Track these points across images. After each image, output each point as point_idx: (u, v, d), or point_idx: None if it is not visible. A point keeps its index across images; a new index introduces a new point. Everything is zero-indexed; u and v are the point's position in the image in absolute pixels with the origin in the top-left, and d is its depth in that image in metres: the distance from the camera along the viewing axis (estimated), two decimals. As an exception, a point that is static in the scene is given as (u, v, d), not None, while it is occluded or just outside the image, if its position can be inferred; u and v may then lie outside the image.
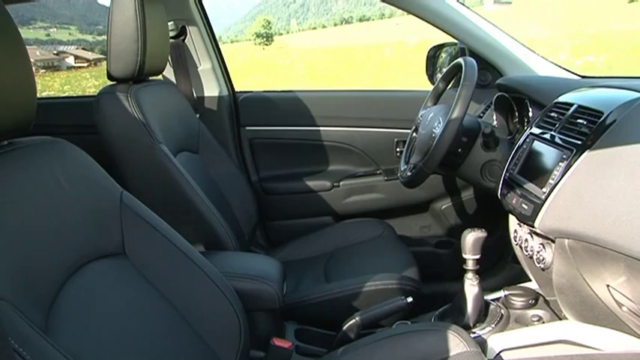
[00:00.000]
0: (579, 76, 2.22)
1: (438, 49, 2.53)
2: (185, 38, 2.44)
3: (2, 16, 0.99)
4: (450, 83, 2.09)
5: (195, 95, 2.49)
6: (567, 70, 2.25)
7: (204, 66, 2.50)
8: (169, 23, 2.35)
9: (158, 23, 1.87)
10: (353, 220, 2.42)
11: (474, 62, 1.78)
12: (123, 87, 1.77)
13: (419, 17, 2.26)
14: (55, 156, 1.16)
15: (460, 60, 1.83)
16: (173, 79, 2.43)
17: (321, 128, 2.57)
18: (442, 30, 2.27)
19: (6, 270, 0.92)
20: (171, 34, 2.39)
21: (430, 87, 2.31)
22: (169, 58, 2.30)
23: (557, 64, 2.28)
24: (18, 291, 0.92)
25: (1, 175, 1.01)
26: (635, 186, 1.08)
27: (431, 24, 2.26)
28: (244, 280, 1.54)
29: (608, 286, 1.19)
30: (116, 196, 1.25)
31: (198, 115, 2.31)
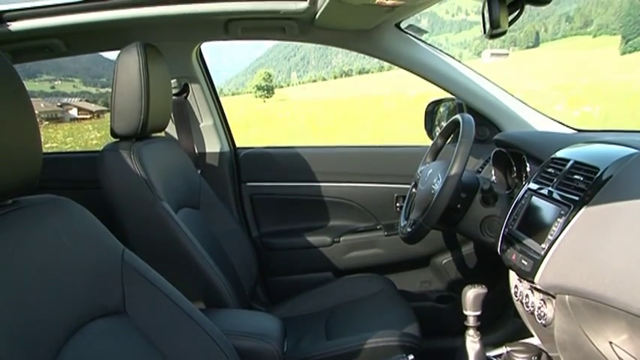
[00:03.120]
0: (575, 129, 2.26)
1: (436, 104, 2.57)
2: (187, 95, 2.48)
3: (11, 77, 1.01)
4: (448, 139, 2.12)
5: (196, 151, 2.51)
6: (563, 124, 2.29)
7: (206, 122, 2.53)
8: (172, 81, 2.38)
9: (161, 82, 1.90)
10: (353, 276, 2.41)
11: (472, 119, 1.81)
12: (126, 144, 1.79)
13: (417, 74, 2.32)
14: (58, 215, 1.16)
15: (458, 117, 1.87)
16: (175, 136, 2.46)
17: (321, 184, 2.59)
18: (440, 87, 2.32)
19: (6, 330, 0.91)
20: (174, 91, 2.42)
21: (429, 142, 2.34)
22: (172, 115, 2.33)
23: (553, 119, 2.31)
24: (17, 352, 0.91)
25: (5, 235, 1.01)
26: (633, 243, 1.08)
27: (429, 81, 2.32)
28: (245, 339, 1.53)
29: (611, 343, 1.18)
30: (118, 255, 1.25)
31: (199, 171, 2.33)
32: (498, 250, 1.62)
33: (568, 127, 2.29)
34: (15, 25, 2.09)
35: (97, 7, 2.10)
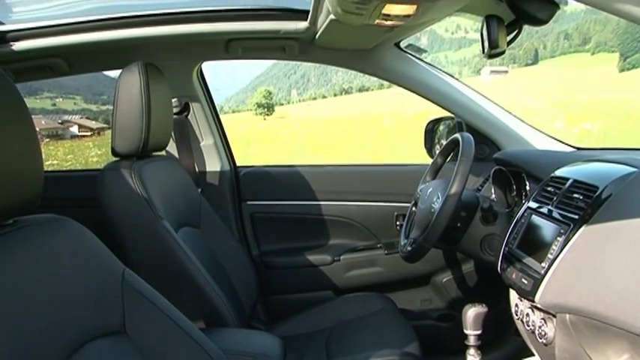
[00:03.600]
0: (575, 147, 2.26)
1: (435, 122, 2.59)
2: (188, 114, 2.49)
3: (13, 97, 1.02)
4: (448, 158, 2.13)
5: (197, 170, 2.52)
6: (563, 142, 2.30)
7: (207, 141, 2.54)
8: (173, 100, 2.40)
9: (162, 101, 1.92)
10: (353, 295, 2.40)
11: (471, 138, 1.82)
12: (126, 163, 1.80)
13: (417, 93, 2.33)
14: (59, 235, 1.16)
15: (457, 136, 1.88)
16: (176, 154, 2.47)
17: (321, 202, 2.59)
18: (440, 105, 2.34)
19: (6, 349, 0.91)
20: (175, 110, 2.44)
21: (428, 160, 2.35)
22: (172, 134, 2.34)
23: (552, 137, 2.32)
24: None
25: (5, 255, 1.01)
26: (633, 262, 1.08)
27: (429, 100, 2.33)
28: (245, 358, 1.53)
29: (612, 362, 1.18)
30: (118, 274, 1.25)
31: (199, 190, 2.34)
32: (498, 268, 1.62)
33: (567, 144, 2.30)
34: (18, 45, 2.11)
35: (98, 27, 2.13)
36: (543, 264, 1.35)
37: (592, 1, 0.75)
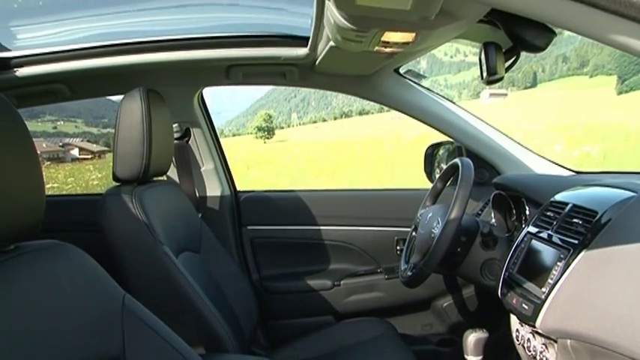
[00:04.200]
0: (574, 171, 2.27)
1: (435, 147, 2.60)
2: (189, 139, 2.50)
3: (15, 123, 1.03)
4: (447, 182, 2.14)
5: (197, 195, 2.53)
6: (562, 165, 2.31)
7: (207, 166, 2.55)
8: (174, 125, 2.41)
9: (163, 126, 1.93)
10: (354, 320, 2.39)
11: (470, 163, 1.83)
12: (127, 188, 1.80)
13: (416, 119, 2.35)
14: (59, 261, 1.16)
15: (457, 161, 1.89)
16: (176, 179, 2.48)
17: (321, 227, 2.59)
18: (439, 130, 2.35)
19: None
20: (176, 135, 2.45)
21: (428, 184, 2.36)
22: (173, 159, 2.35)
23: (551, 161, 2.33)
24: None
25: (6, 281, 1.01)
26: (633, 287, 1.09)
27: (428, 125, 2.35)
28: None
29: (614, 389, 1.17)
30: (118, 300, 1.24)
31: (200, 215, 2.34)
32: (499, 293, 1.62)
33: (566, 168, 2.31)
34: (21, 71, 2.13)
35: (100, 54, 2.15)
36: (544, 289, 1.35)
37: (587, 32, 0.76)
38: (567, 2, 0.73)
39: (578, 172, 2.28)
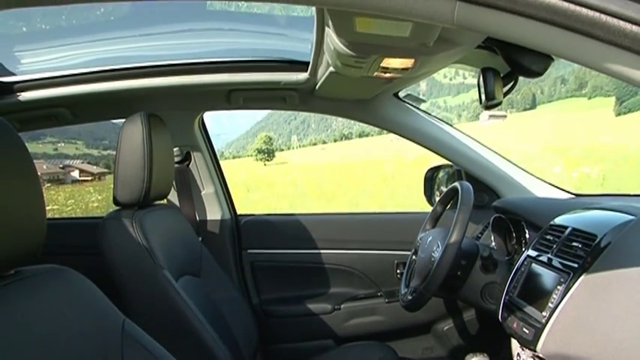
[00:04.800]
0: (573, 194, 2.28)
1: (435, 170, 2.61)
2: (189, 163, 2.51)
3: (17, 147, 1.03)
4: (447, 206, 2.14)
5: (197, 218, 2.53)
6: (561, 188, 2.31)
7: (207, 190, 2.55)
8: (174, 149, 2.42)
9: (164, 150, 1.94)
10: (354, 344, 2.38)
11: (470, 187, 1.84)
12: (128, 213, 1.80)
13: (416, 142, 2.36)
14: (60, 285, 1.16)
15: (457, 184, 1.89)
16: (177, 203, 2.48)
17: (321, 251, 2.59)
18: (439, 154, 2.36)
19: None
20: (176, 159, 2.46)
21: (428, 206, 2.36)
22: (174, 183, 2.35)
23: (550, 183, 2.34)
24: None
25: (6, 307, 1.01)
26: (634, 311, 1.09)
27: (428, 148, 2.36)
28: None
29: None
30: (118, 325, 1.24)
31: (200, 239, 2.34)
32: (499, 317, 1.62)
33: (566, 191, 2.31)
34: (24, 95, 2.15)
35: (102, 78, 2.17)
36: (544, 313, 1.35)
37: (583, 61, 0.78)
38: (562, 32, 0.75)
39: (577, 195, 2.29)
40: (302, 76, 2.10)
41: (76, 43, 2.24)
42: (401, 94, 2.36)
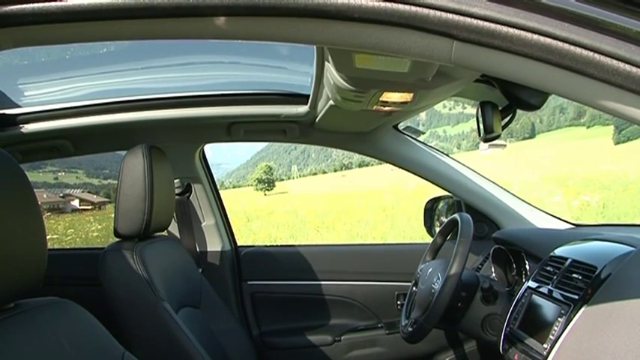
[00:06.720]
0: (573, 224, 2.28)
1: (435, 201, 2.62)
2: (190, 195, 2.52)
3: (19, 180, 1.03)
4: (447, 237, 2.14)
5: (198, 250, 2.53)
6: (561, 219, 2.32)
7: (208, 222, 2.56)
8: (175, 181, 2.43)
9: (165, 182, 1.95)
10: None
11: (470, 218, 1.84)
12: (128, 244, 1.80)
13: (415, 174, 2.37)
14: (59, 319, 1.16)
15: (456, 216, 1.90)
16: (177, 234, 2.49)
17: (322, 282, 2.59)
18: (438, 186, 2.38)
19: None
20: (177, 191, 2.48)
21: (427, 236, 2.36)
22: (174, 214, 2.36)
23: (550, 214, 2.35)
24: None
25: (6, 341, 1.00)
26: (635, 343, 1.08)
27: (427, 180, 2.37)
28: None
29: None
30: (118, 358, 1.24)
31: (200, 270, 2.34)
32: (500, 349, 1.61)
33: (565, 221, 2.32)
34: (27, 127, 2.17)
35: (104, 111, 2.19)
36: (545, 345, 1.35)
37: (576, 98, 0.79)
38: (557, 70, 0.77)
39: (576, 225, 2.29)
40: (302, 109, 2.13)
41: (78, 75, 2.27)
42: (400, 127, 2.38)
